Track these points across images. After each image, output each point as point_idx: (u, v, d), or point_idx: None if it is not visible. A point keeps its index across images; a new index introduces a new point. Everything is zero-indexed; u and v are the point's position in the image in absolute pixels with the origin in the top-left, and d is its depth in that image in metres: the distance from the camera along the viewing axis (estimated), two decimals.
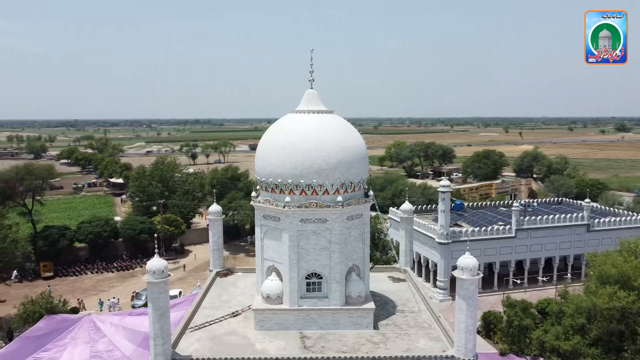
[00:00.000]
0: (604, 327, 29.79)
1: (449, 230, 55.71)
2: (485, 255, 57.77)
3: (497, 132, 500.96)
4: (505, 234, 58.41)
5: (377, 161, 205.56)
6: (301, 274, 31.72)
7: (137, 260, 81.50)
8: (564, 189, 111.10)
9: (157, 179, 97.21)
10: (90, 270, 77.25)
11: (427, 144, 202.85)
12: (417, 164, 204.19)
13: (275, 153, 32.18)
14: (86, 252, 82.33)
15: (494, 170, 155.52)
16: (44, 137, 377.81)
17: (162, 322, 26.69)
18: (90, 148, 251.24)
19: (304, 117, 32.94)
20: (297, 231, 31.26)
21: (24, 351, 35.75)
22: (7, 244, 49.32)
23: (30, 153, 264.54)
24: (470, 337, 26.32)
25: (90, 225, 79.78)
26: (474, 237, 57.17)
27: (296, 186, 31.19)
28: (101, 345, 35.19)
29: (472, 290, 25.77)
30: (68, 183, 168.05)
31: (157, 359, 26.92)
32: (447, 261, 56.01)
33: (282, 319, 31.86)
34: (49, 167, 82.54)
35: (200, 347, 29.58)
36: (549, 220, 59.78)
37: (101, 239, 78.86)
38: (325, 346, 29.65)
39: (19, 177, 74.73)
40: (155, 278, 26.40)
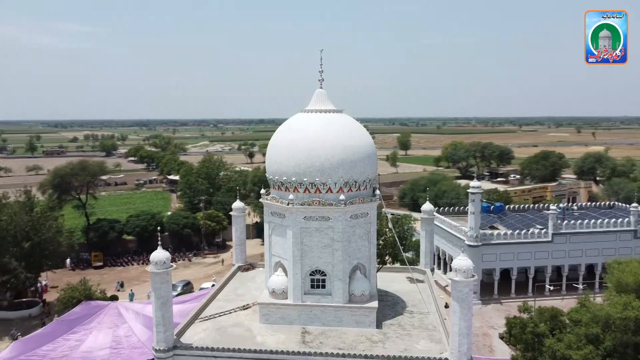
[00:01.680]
0: (618, 338, 28.15)
1: (478, 232, 54.12)
2: (518, 260, 55.63)
3: (569, 132, 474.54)
4: (541, 238, 55.89)
5: (433, 162, 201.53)
6: (304, 271, 32.26)
7: (180, 254, 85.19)
8: (624, 193, 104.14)
9: (203, 176, 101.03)
10: (137, 262, 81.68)
11: (484, 144, 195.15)
12: (473, 165, 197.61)
13: (281, 151, 32.94)
14: (134, 244, 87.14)
15: (552, 172, 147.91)
16: (116, 135, 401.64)
17: (164, 310, 28.16)
18: (154, 146, 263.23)
19: (311, 117, 33.44)
20: (300, 228, 31.82)
21: (57, 333, 38.82)
22: (51, 234, 53.47)
23: (102, 151, 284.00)
24: (464, 341, 25.81)
25: (137, 219, 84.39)
26: (505, 240, 55.21)
27: (300, 184, 31.77)
28: (121, 331, 37.57)
29: (466, 293, 25.24)
30: (132, 179, 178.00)
31: (159, 345, 28.45)
32: (477, 264, 54.31)
33: (286, 314, 32.55)
34: (100, 164, 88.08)
35: (204, 336, 30.87)
36: (590, 225, 56.55)
37: (147, 232, 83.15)
38: (324, 342, 30.03)
39: (73, 173, 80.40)
40: (158, 269, 27.94)
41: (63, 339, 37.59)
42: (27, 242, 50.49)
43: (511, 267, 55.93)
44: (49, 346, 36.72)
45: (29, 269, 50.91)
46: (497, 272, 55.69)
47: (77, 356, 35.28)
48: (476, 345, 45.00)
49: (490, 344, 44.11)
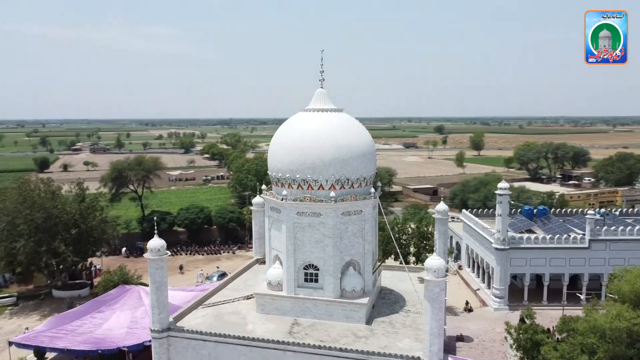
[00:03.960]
0: (610, 350, 26.67)
1: (506, 235, 52.14)
2: (551, 266, 52.88)
3: None
4: (577, 244, 52.72)
5: (503, 163, 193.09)
6: (297, 264, 33.39)
7: (226, 246, 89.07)
8: None
9: (252, 173, 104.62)
10: (185, 252, 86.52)
11: (556, 144, 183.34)
12: (544, 167, 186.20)
13: (278, 149, 34.33)
14: (185, 235, 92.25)
15: (628, 175, 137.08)
16: (197, 133, 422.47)
17: (159, 294, 30.49)
18: (225, 144, 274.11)
19: (309, 116, 34.50)
20: (293, 223, 33.00)
21: (87, 311, 42.78)
22: (96, 222, 58.56)
23: (181, 148, 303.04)
24: (435, 340, 25.74)
25: (187, 212, 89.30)
26: (536, 244, 52.73)
27: (293, 180, 32.95)
28: (139, 313, 40.68)
29: (437, 293, 25.15)
30: (202, 175, 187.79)
31: (154, 325, 30.91)
32: (504, 268, 52.48)
33: (281, 305, 33.88)
34: (155, 160, 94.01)
35: (201, 322, 32.94)
36: (634, 232, 52.49)
37: (195, 225, 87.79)
38: (309, 334, 31.01)
39: (130, 168, 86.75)
40: (153, 255, 30.29)
41: (90, 317, 41.41)
42: (75, 229, 55.80)
43: (543, 273, 53.34)
44: (77, 322, 40.66)
45: (76, 253, 56.19)
46: (527, 277, 53.34)
47: (99, 333, 38.80)
48: (490, 351, 43.89)
49: (505, 350, 42.73)
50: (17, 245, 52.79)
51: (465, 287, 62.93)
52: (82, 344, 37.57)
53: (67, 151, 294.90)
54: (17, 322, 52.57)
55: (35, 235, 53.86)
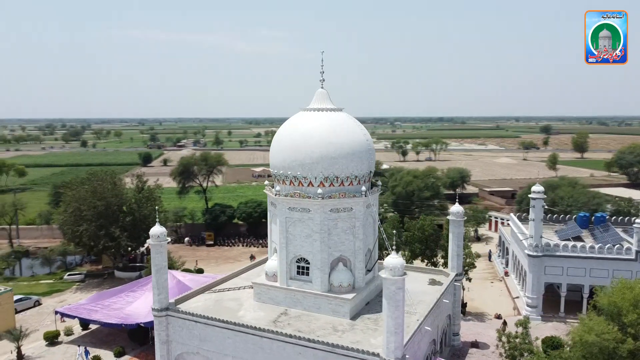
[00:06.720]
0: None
1: (540, 241, 49.16)
2: (591, 277, 49.01)
3: None
4: (622, 255, 48.28)
5: (604, 166, 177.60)
6: (290, 257, 35.01)
7: None
8: None
9: None
10: (242, 244, 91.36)
11: None
12: None
13: (275, 147, 36.20)
14: (245, 228, 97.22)
15: None
16: None
17: (159, 276, 33.75)
18: None
19: (307, 115, 35.94)
20: (285, 217, 34.69)
21: (123, 290, 47.77)
22: (148, 212, 64.35)
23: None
24: (393, 338, 25.99)
25: (245, 206, 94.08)
26: (574, 253, 49.17)
27: (285, 177, 34.62)
28: None
29: (394, 291, 25.43)
30: None
31: (154, 305, 34.28)
32: (537, 276, 49.56)
33: (274, 295, 35.75)
34: (219, 156, 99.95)
35: (200, 305, 35.78)
36: None
37: (251, 218, 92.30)
38: (291, 324, 32.53)
39: (195, 163, 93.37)
40: (154, 241, 33.57)
41: (125, 295, 46.28)
42: (130, 217, 62.02)
43: (582, 285, 49.60)
44: (113, 299, 45.68)
45: (131, 239, 62.46)
46: (563, 287, 49.91)
47: (127, 311, 43.35)
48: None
49: None
50: (80, 229, 59.94)
51: (507, 294, 60.25)
52: (112, 317, 42.27)
53: (173, 147, 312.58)
54: (80, 296, 59.59)
55: (97, 220, 60.73)
